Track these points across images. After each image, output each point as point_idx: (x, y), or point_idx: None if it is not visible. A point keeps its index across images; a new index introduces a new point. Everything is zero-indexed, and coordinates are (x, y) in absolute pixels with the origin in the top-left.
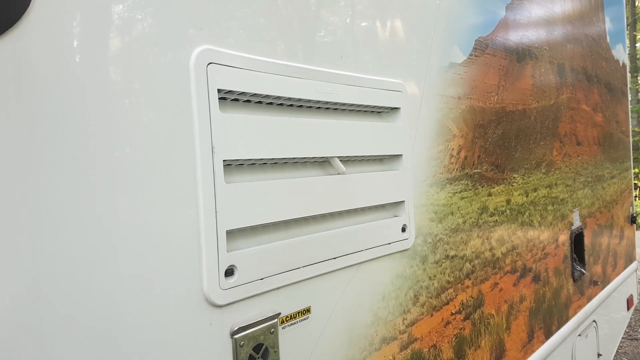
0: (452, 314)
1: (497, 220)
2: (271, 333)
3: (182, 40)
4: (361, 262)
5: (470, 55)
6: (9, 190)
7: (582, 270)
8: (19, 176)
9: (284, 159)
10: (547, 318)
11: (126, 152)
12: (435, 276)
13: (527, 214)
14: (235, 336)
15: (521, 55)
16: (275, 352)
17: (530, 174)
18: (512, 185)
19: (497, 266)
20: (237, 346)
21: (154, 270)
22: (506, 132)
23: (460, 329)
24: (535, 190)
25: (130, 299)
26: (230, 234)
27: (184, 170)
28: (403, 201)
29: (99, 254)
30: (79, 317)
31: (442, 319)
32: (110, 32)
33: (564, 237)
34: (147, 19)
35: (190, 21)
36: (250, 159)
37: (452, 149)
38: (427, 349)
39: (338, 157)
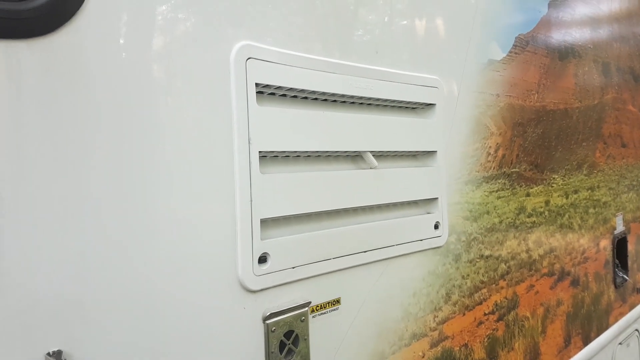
0: (485, 314)
1: (535, 221)
2: (302, 321)
3: (222, 36)
4: (392, 257)
5: (510, 52)
6: (61, 177)
7: (625, 276)
8: (69, 163)
9: (317, 152)
10: (586, 324)
11: (169, 144)
12: (468, 275)
13: (566, 216)
14: (267, 321)
15: (564, 53)
16: (305, 339)
17: (571, 175)
18: (552, 186)
19: (534, 268)
20: (268, 331)
21: (192, 255)
22: (546, 132)
23: (493, 329)
24: (576, 192)
25: (169, 281)
26: (265, 222)
27: (222, 160)
28: (436, 198)
29: (140, 239)
30: (120, 297)
31: (475, 318)
32: (155, 29)
33: (605, 242)
34: (190, 17)
35: (231, 18)
36: (285, 151)
37: (490, 147)
38: (458, 348)
39: (371, 151)
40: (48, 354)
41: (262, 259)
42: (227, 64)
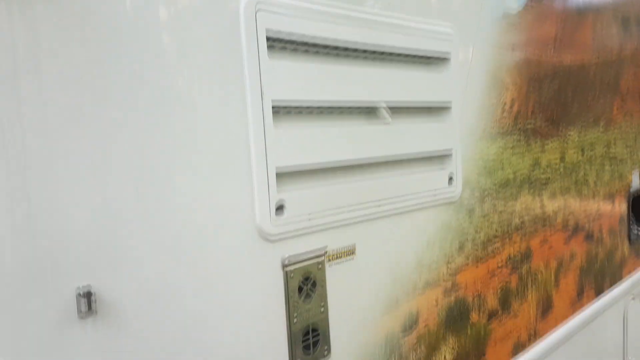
0: (498, 266)
1: (549, 177)
2: (319, 268)
3: None
4: (406, 210)
5: (526, 5)
6: (85, 125)
7: None
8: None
9: (329, 105)
10: (599, 278)
11: (182, 96)
12: (482, 229)
13: (582, 172)
14: (286, 268)
15: (581, 7)
16: (322, 285)
17: (587, 131)
18: (567, 142)
19: (548, 223)
20: (287, 277)
21: (213, 204)
22: (563, 87)
23: (507, 281)
24: (591, 148)
25: (192, 230)
26: (280, 174)
27: (236, 112)
28: (450, 153)
29: (163, 187)
30: (145, 242)
31: (488, 270)
32: None
33: (621, 198)
34: None
35: None
36: (297, 103)
37: (505, 101)
38: (471, 297)
39: (384, 104)
40: (78, 292)
41: (279, 208)
42: (237, 16)
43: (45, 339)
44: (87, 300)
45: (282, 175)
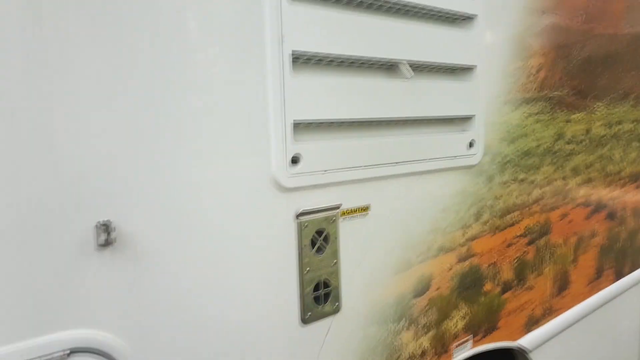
0: (515, 236)
1: (573, 149)
2: (332, 222)
3: None
4: (423, 172)
5: None
6: (104, 67)
7: None
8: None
9: (350, 58)
10: (620, 258)
11: (200, 41)
12: (501, 197)
13: (608, 146)
14: (300, 219)
15: None
16: (335, 239)
17: (616, 104)
18: (594, 114)
19: (569, 197)
20: (301, 228)
21: (230, 151)
22: (592, 56)
23: (523, 252)
24: (619, 122)
25: (208, 173)
26: (297, 126)
27: (254, 60)
28: (472, 116)
29: (181, 132)
30: (164, 182)
31: (505, 239)
32: None
33: None
34: None
35: None
36: (318, 53)
37: (531, 67)
38: (486, 265)
39: (407, 61)
40: (98, 224)
41: (295, 160)
42: None
43: (65, 268)
44: (106, 231)
45: (299, 128)
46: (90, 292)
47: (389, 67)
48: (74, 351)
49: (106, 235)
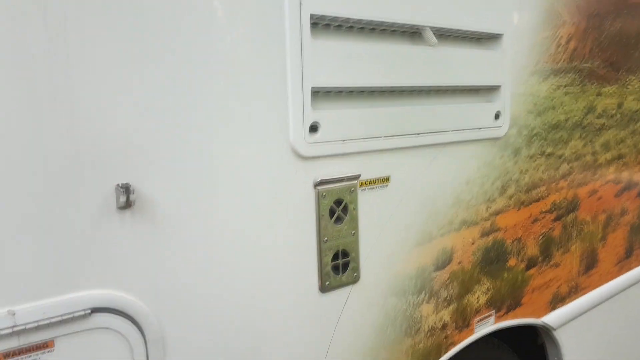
0: (541, 212)
1: (604, 123)
2: (351, 192)
3: None
4: (446, 143)
5: None
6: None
7: None
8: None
9: (372, 23)
10: None
11: (217, 4)
12: (527, 171)
13: None
14: (318, 187)
15: None
16: (354, 210)
17: None
18: (627, 88)
19: (599, 173)
20: (319, 197)
21: (246, 116)
22: (626, 28)
23: (550, 229)
24: None
25: (225, 139)
26: (316, 94)
27: (272, 23)
28: (499, 86)
29: (199, 98)
30: (182, 145)
31: (530, 215)
32: None
33: None
34: None
35: None
36: (338, 17)
37: (561, 36)
38: (510, 241)
39: (431, 27)
40: (118, 185)
41: (313, 128)
42: None
43: (86, 229)
44: (126, 193)
45: (318, 96)
46: (112, 253)
47: (412, 34)
48: (95, 310)
49: (126, 198)
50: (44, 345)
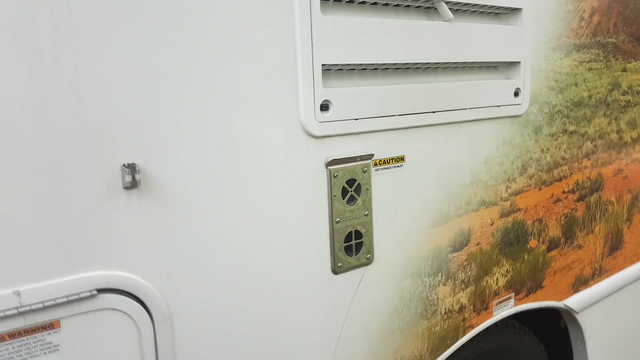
0: (564, 192)
1: (629, 100)
2: (364, 172)
3: None
4: (464, 122)
5: None
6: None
7: None
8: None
9: None
10: None
11: None
12: (548, 149)
13: None
14: (330, 167)
15: None
16: (367, 190)
17: None
18: None
19: (624, 151)
20: (331, 176)
21: (256, 93)
22: None
23: (572, 209)
24: None
25: (234, 117)
26: (327, 72)
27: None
28: (518, 62)
29: (206, 76)
30: (189, 126)
31: (552, 195)
32: None
33: None
34: None
35: None
36: None
37: (584, 10)
38: (531, 222)
39: (446, 1)
40: (124, 165)
41: (324, 107)
42: None
43: (93, 209)
44: (131, 172)
45: (330, 73)
46: (118, 234)
47: (427, 8)
48: (101, 291)
49: (131, 177)
50: (50, 326)
